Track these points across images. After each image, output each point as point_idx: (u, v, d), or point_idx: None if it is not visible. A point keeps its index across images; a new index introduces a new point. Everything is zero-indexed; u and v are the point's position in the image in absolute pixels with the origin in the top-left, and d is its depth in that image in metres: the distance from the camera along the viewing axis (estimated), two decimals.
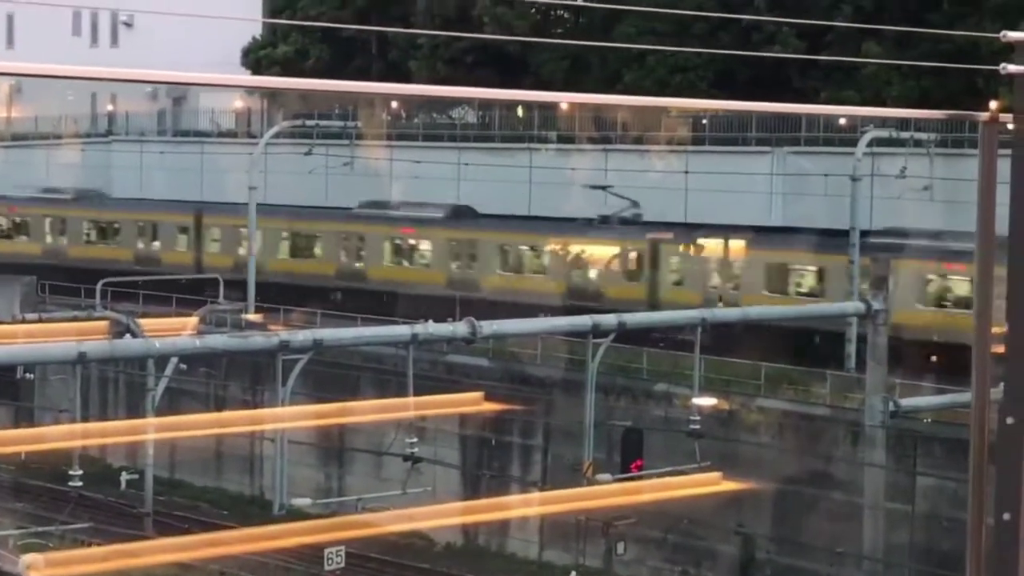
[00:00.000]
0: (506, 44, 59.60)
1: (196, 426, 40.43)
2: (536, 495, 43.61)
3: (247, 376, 49.68)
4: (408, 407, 28.97)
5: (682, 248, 50.67)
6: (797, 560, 40.20)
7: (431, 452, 38.84)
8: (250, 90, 66.82)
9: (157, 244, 65.27)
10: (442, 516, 38.88)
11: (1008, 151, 5.53)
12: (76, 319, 39.69)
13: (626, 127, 58.64)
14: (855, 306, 36.90)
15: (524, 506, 43.61)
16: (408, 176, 59.04)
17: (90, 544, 37.10)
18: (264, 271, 58.59)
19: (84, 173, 71.96)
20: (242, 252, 59.66)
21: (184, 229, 64.08)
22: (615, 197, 52.59)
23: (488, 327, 29.64)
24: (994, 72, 5.52)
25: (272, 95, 68.36)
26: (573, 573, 42.28)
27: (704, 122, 57.72)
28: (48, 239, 68.67)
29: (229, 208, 61.34)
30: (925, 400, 36.31)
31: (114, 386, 53.52)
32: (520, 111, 63.36)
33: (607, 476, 33.34)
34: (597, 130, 59.20)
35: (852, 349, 42.90)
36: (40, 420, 48.01)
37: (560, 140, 60.73)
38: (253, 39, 74.60)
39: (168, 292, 55.03)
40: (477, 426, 45.71)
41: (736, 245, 49.39)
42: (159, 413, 37.98)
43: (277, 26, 72.02)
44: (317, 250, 60.66)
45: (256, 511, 43.99)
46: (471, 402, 39.25)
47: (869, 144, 46.95)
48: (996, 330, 5.66)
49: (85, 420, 34.78)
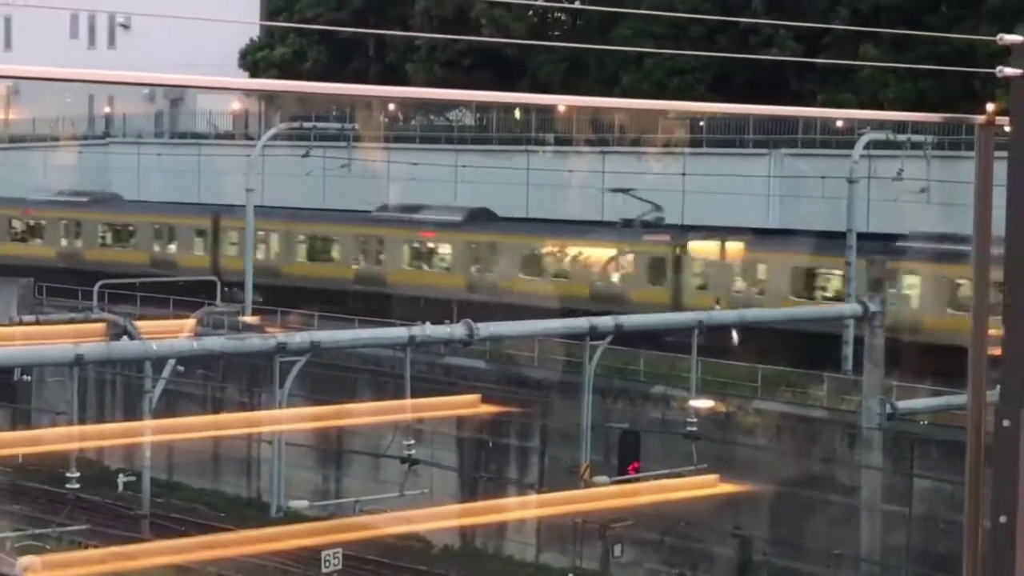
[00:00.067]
0: (503, 46, 59.56)
1: (193, 428, 40.41)
2: (533, 497, 43.61)
3: (244, 378, 49.66)
4: (405, 409, 28.95)
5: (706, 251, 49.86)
6: (794, 562, 40.19)
7: (428, 454, 38.78)
8: (248, 92, 66.81)
9: (173, 247, 64.43)
10: (439, 518, 38.86)
11: (1004, 154, 5.53)
12: (73, 321, 39.69)
13: (623, 129, 58.62)
14: (852, 308, 36.91)
15: (521, 508, 43.57)
16: (405, 178, 59.01)
17: (87, 546, 37.08)
18: (281, 274, 58.53)
19: (82, 175, 71.82)
20: (260, 256, 59.67)
21: (201, 232, 63.22)
22: (623, 200, 51.80)
23: (485, 329, 29.63)
24: (991, 75, 5.53)
25: (270, 97, 68.34)
26: (570, 575, 42.29)
27: (701, 124, 57.70)
28: (63, 242, 67.91)
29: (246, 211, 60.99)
30: (922, 402, 36.30)
31: (111, 388, 53.47)
32: (518, 113, 63.34)
33: (604, 478, 33.31)
34: (595, 132, 59.19)
35: (849, 351, 42.90)
36: (37, 422, 47.96)
37: (558, 142, 60.70)
38: (251, 41, 74.59)
39: (165, 294, 54.94)
40: (474, 428, 45.68)
41: (761, 248, 48.72)
42: (156, 415, 37.98)
43: (275, 28, 72.01)
44: (335, 253, 60.07)
45: (253, 513, 43.97)
46: (468, 404, 39.24)
47: (866, 146, 46.93)
48: (993, 332, 5.67)
49: (82, 422, 34.70)
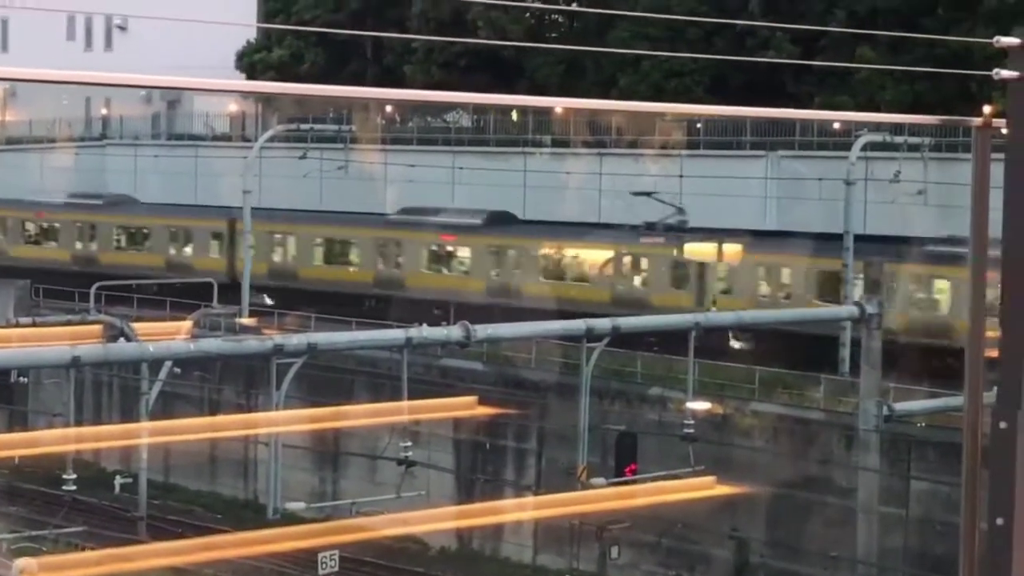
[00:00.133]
0: (501, 48, 59.57)
1: (190, 430, 40.38)
2: (530, 499, 43.59)
3: (241, 380, 49.64)
4: (402, 411, 28.93)
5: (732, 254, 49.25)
6: (791, 564, 40.18)
7: (425, 456, 38.76)
8: (245, 94, 66.82)
9: (189, 250, 63.61)
10: (436, 520, 38.79)
11: (1001, 156, 5.53)
12: (70, 323, 39.67)
13: (620, 131, 58.63)
14: (849, 310, 36.91)
15: (518, 510, 43.53)
16: (403, 180, 58.99)
17: (84, 548, 37.05)
18: (298, 278, 58.38)
19: (79, 177, 71.77)
20: (277, 259, 59.52)
21: (218, 235, 62.11)
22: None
23: (482, 331, 29.62)
24: (988, 77, 5.53)
25: (267, 99, 68.32)
26: None
27: (699, 126, 57.71)
28: (78, 245, 67.29)
29: (265, 214, 60.74)
30: (919, 404, 36.31)
31: (108, 390, 53.44)
32: (515, 115, 63.35)
33: (601, 480, 33.28)
34: (592, 134, 59.18)
35: (846, 353, 42.88)
36: (34, 424, 47.96)
37: (554, 144, 60.69)
38: (248, 43, 74.62)
39: (163, 296, 54.93)
40: (471, 430, 45.67)
41: (785, 252, 48.32)
42: (153, 417, 37.92)
43: (272, 30, 72.01)
44: (353, 256, 59.53)
45: (250, 515, 43.96)
46: (465, 406, 39.21)
47: (863, 148, 46.92)
48: (990, 334, 5.66)
49: (79, 424, 34.68)
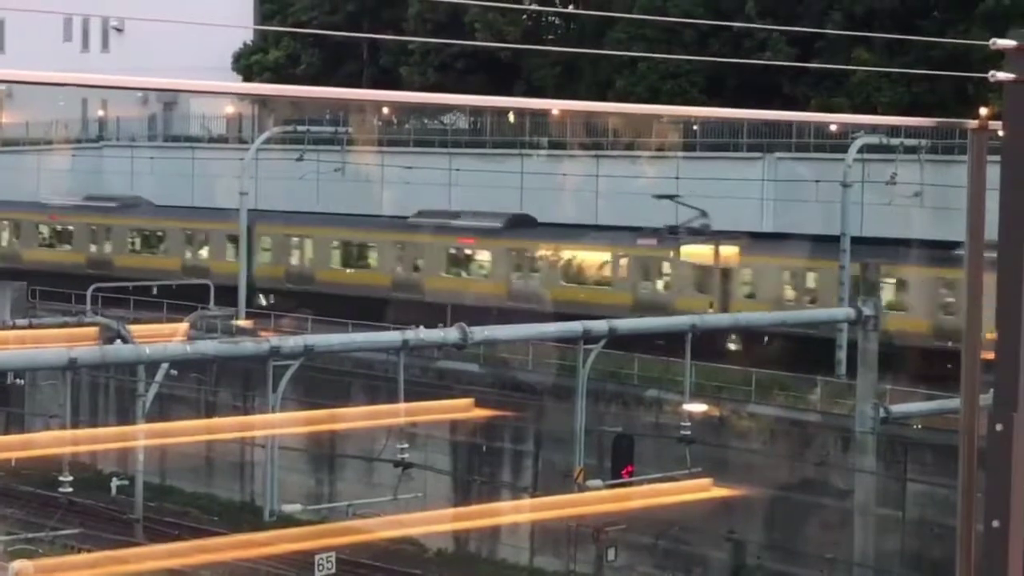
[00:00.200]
0: (497, 50, 59.58)
1: (186, 432, 40.40)
2: (527, 501, 43.57)
3: (238, 382, 49.62)
4: (399, 413, 28.91)
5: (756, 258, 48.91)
6: (788, 566, 40.20)
7: (422, 458, 38.77)
8: (241, 96, 66.81)
9: (205, 253, 62.83)
10: (433, 522, 38.81)
11: (998, 158, 5.52)
12: (67, 325, 39.67)
13: (617, 133, 58.65)
14: (846, 312, 36.90)
15: (515, 512, 43.53)
16: (399, 181, 58.98)
17: (80, 550, 37.03)
18: (314, 281, 58.20)
19: (76, 178, 71.74)
20: (294, 262, 59.35)
21: (234, 238, 60.14)
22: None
23: (479, 333, 29.61)
24: (984, 79, 5.52)
25: (263, 100, 68.32)
26: None
27: (695, 128, 57.72)
28: (92, 248, 66.65)
29: (282, 216, 60.46)
30: (916, 406, 36.29)
31: (104, 392, 53.43)
32: (511, 116, 63.37)
33: (598, 482, 33.26)
34: (588, 136, 59.19)
35: (843, 355, 42.91)
36: (30, 426, 47.95)
37: (551, 146, 60.70)
38: (244, 44, 74.64)
39: (159, 298, 54.89)
40: (468, 432, 45.66)
41: (809, 255, 47.68)
42: (149, 419, 37.94)
43: (268, 32, 72.01)
44: (371, 260, 58.95)
45: (247, 517, 43.93)
46: (462, 408, 39.22)
47: (860, 150, 46.95)
48: (989, 336, 5.66)
49: (75, 426, 34.67)
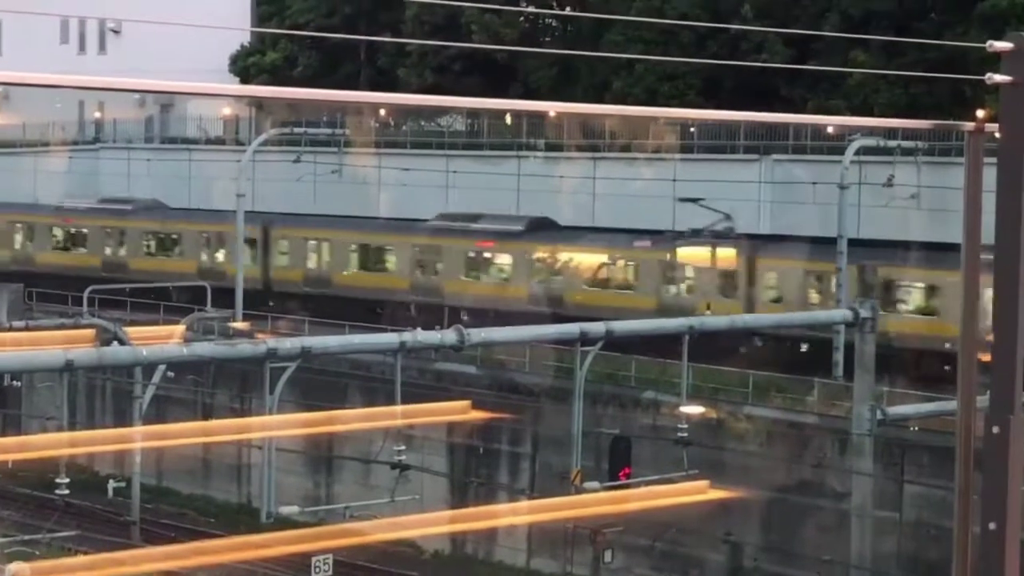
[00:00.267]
0: (494, 52, 59.56)
1: (183, 434, 40.29)
2: (524, 503, 43.55)
3: (235, 384, 49.61)
4: (396, 415, 28.89)
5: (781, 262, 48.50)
6: (785, 568, 40.19)
7: (419, 460, 38.77)
8: (238, 97, 66.77)
9: (221, 256, 62.29)
10: (430, 524, 38.77)
11: (994, 160, 5.52)
12: (64, 327, 39.65)
13: (614, 135, 58.64)
14: (843, 314, 36.89)
15: (512, 514, 43.51)
16: (396, 183, 58.96)
17: (77, 552, 37.03)
18: (332, 284, 58.15)
19: (73, 180, 71.68)
20: (312, 265, 59.28)
21: (251, 242, 59.34)
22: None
23: (476, 334, 29.60)
24: (982, 81, 5.52)
25: (260, 102, 68.28)
26: None
27: (692, 130, 57.70)
28: (107, 251, 66.30)
29: (298, 220, 60.29)
30: (912, 408, 36.30)
31: (101, 394, 53.41)
32: (508, 118, 63.35)
33: (595, 484, 33.26)
34: (585, 138, 59.17)
35: (840, 357, 42.86)
36: (27, 428, 47.91)
37: (548, 148, 60.68)
38: (241, 46, 74.60)
39: (157, 300, 54.89)
40: (465, 434, 45.65)
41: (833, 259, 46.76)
42: (146, 421, 37.94)
43: (265, 34, 71.98)
44: (390, 263, 58.60)
45: (243, 519, 43.93)
46: (459, 410, 39.18)
47: (857, 152, 46.92)
48: (988, 338, 5.66)
49: (72, 428, 34.69)
